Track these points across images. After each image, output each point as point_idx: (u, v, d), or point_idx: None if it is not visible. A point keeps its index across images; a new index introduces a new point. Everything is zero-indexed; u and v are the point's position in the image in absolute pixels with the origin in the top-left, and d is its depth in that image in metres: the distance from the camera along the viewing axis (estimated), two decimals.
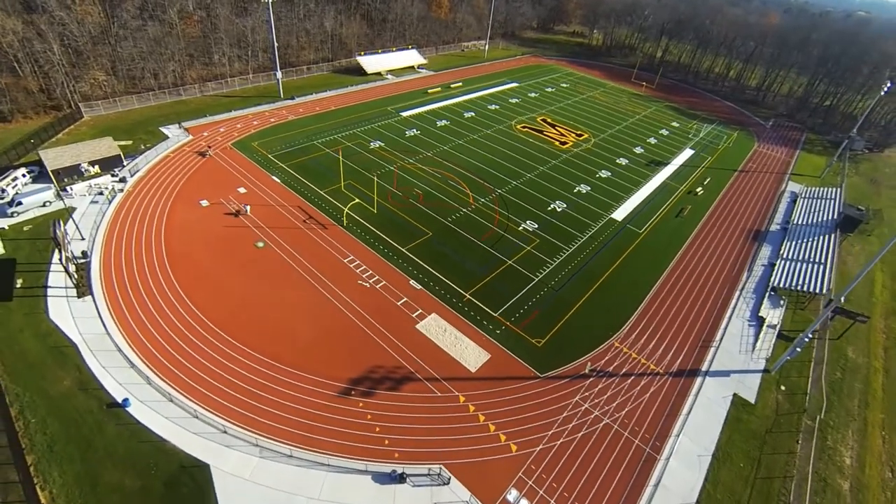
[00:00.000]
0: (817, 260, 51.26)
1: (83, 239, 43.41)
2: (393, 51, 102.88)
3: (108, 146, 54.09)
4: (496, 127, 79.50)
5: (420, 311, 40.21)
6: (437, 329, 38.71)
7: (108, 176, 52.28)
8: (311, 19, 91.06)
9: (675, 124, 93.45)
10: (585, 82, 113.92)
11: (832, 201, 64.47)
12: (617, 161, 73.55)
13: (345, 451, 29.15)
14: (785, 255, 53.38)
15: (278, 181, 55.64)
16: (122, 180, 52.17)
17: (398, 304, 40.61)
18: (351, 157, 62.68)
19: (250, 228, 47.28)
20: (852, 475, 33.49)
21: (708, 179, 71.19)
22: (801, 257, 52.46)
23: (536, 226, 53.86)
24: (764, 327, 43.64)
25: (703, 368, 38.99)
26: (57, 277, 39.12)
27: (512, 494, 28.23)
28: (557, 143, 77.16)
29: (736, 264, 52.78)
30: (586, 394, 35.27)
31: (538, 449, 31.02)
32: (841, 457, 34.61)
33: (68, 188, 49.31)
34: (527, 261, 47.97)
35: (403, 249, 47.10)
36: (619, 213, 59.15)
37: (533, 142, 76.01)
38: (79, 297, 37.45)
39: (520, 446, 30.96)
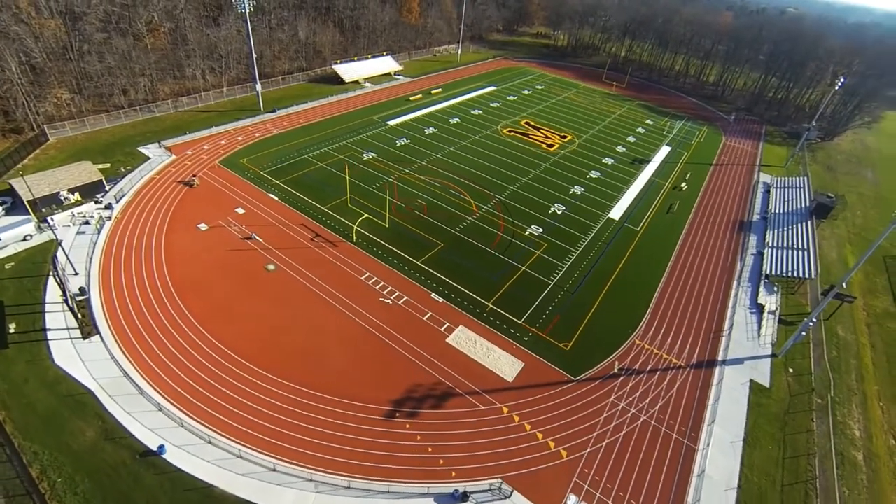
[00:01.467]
0: (800, 246, 55.05)
1: (77, 274, 40.32)
2: (368, 58, 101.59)
3: (87, 171, 50.52)
4: (483, 132, 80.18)
5: (447, 324, 40.08)
6: (468, 341, 38.73)
7: (92, 203, 48.85)
8: (283, 28, 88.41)
9: (649, 122, 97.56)
10: (559, 83, 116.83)
11: (802, 190, 69.38)
12: (603, 161, 75.98)
13: (402, 475, 28.70)
14: (770, 244, 57.00)
15: (276, 199, 53.78)
16: (108, 207, 48.84)
17: (424, 318, 40.31)
18: (345, 169, 61.40)
19: (257, 251, 45.48)
20: (864, 446, 36.31)
21: (689, 174, 74.90)
22: (785, 245, 56.16)
23: (542, 230, 54.86)
24: (765, 314, 46.47)
25: (720, 358, 41.10)
26: (55, 318, 36.19)
27: (571, 500, 28.75)
28: (544, 145, 78.78)
29: (728, 255, 55.86)
30: (620, 393, 36.36)
31: (587, 452, 31.72)
32: (851, 430, 37.42)
33: (49, 219, 45.56)
34: (539, 265, 48.78)
35: (418, 262, 46.74)
36: (616, 213, 61.20)
37: (521, 145, 77.22)
38: (84, 338, 34.80)
39: (569, 451, 31.55)
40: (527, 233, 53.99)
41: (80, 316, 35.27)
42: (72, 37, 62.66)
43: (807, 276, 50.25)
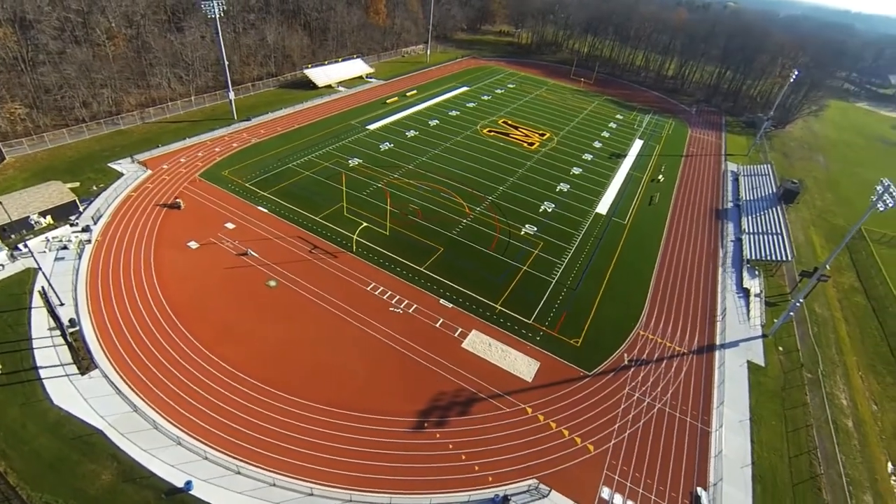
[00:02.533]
0: (774, 231, 58.78)
1: (62, 304, 37.58)
2: (339, 61, 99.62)
3: (58, 192, 47.15)
4: (464, 133, 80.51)
5: (460, 329, 40.23)
6: (483, 345, 39.05)
7: (67, 226, 45.56)
8: (249, 33, 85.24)
9: (619, 116, 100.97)
10: (529, 81, 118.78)
11: (767, 177, 73.96)
12: (582, 157, 78.07)
13: (441, 486, 28.69)
14: (747, 230, 60.53)
15: (266, 211, 52.06)
16: (86, 229, 45.71)
17: (437, 325, 40.27)
18: (332, 177, 60.26)
19: (255, 267, 43.92)
20: (852, 413, 39.39)
21: (664, 166, 78.19)
22: (760, 230, 59.81)
23: (536, 228, 55.85)
24: (751, 297, 49.39)
25: (717, 342, 43.40)
26: (46, 354, 33.63)
27: (605, 492, 29.68)
28: (525, 144, 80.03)
29: (710, 242, 58.89)
30: (633, 384, 37.73)
31: (612, 444, 32.78)
32: (839, 400, 40.49)
33: (20, 246, 42.25)
34: (539, 264, 49.71)
35: (421, 269, 46.55)
36: (602, 207, 63.14)
37: (503, 145, 78.13)
38: (82, 373, 32.56)
39: (595, 445, 32.51)
40: (522, 232, 54.83)
41: (77, 350, 32.97)
42: (24, 46, 57.94)
43: (783, 258, 53.75)
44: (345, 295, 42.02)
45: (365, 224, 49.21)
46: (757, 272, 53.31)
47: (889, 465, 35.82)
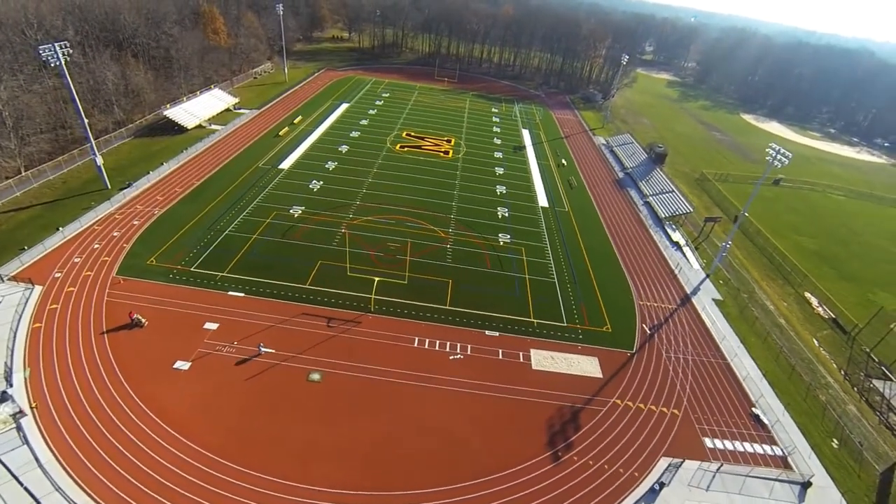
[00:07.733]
0: (666, 190, 73.73)
1: None
2: (198, 95, 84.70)
3: None
4: (381, 154, 78.24)
5: (520, 353, 41.52)
6: (548, 360, 41.20)
7: None
8: (77, 75, 65.99)
9: (494, 110, 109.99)
10: (398, 87, 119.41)
11: (633, 144, 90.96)
12: (496, 156, 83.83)
13: (612, 500, 30.59)
14: (648, 193, 74.47)
15: (242, 295, 43.69)
16: (4, 398, 31.96)
17: (500, 357, 40.78)
18: (286, 233, 53.30)
19: (280, 365, 37.26)
20: (780, 313, 53.87)
21: (558, 150, 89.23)
22: (656, 192, 74.26)
23: (509, 236, 59.18)
24: (684, 248, 61.98)
25: (688, 291, 53.87)
26: None
27: (707, 442, 35.71)
28: (441, 154, 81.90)
29: (631, 209, 70.90)
30: (665, 347, 44.85)
31: (685, 403, 39.05)
32: (768, 307, 54.75)
33: None
34: (535, 269, 53.37)
35: (447, 307, 45.70)
36: (542, 201, 69.86)
37: (423, 159, 78.60)
38: None
39: (677, 409, 38.29)
40: (501, 243, 57.60)
41: None
42: None
43: (686, 211, 68.32)
44: (400, 361, 39.02)
45: (377, 279, 45.39)
46: (675, 226, 66.74)
47: (814, 340, 50.67)
